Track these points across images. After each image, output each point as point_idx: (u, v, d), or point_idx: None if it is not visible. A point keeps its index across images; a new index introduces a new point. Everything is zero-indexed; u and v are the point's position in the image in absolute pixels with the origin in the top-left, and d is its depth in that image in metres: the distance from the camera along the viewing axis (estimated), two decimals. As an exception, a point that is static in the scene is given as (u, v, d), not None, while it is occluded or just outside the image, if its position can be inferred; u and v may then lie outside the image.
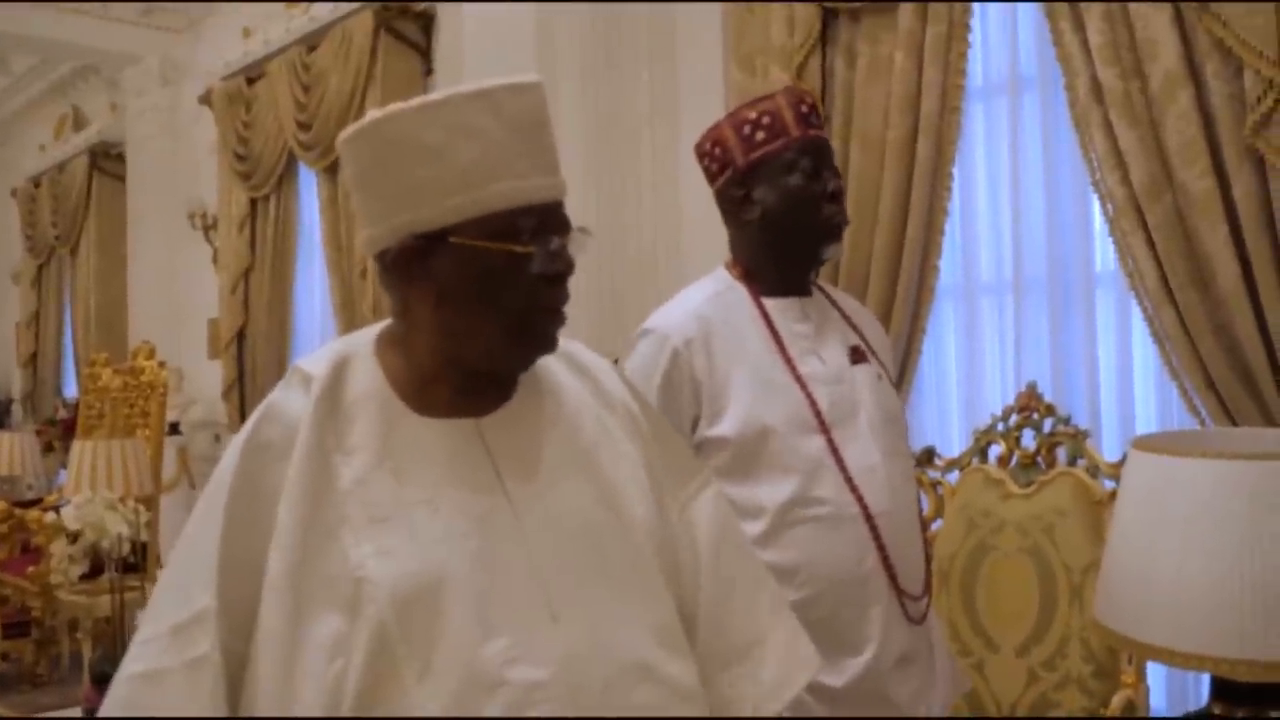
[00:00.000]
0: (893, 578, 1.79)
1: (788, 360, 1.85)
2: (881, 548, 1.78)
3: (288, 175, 6.80)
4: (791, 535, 1.79)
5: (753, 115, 1.97)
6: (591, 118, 4.62)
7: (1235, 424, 2.98)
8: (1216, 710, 1.76)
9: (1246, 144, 2.92)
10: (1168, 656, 1.71)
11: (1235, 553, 1.66)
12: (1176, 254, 3.07)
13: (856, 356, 1.92)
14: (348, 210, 6.13)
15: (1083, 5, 3.20)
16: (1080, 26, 3.23)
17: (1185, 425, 3.14)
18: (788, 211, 1.94)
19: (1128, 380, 3.37)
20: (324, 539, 1.15)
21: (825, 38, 3.88)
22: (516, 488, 1.22)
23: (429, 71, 5.97)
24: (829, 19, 3.86)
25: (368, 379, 1.24)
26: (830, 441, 1.79)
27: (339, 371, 1.23)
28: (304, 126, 6.35)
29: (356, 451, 1.19)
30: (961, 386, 3.71)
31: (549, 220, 1.21)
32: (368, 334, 1.32)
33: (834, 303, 2.02)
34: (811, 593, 1.74)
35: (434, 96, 1.21)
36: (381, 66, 5.80)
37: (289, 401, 1.22)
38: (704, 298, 1.98)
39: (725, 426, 1.82)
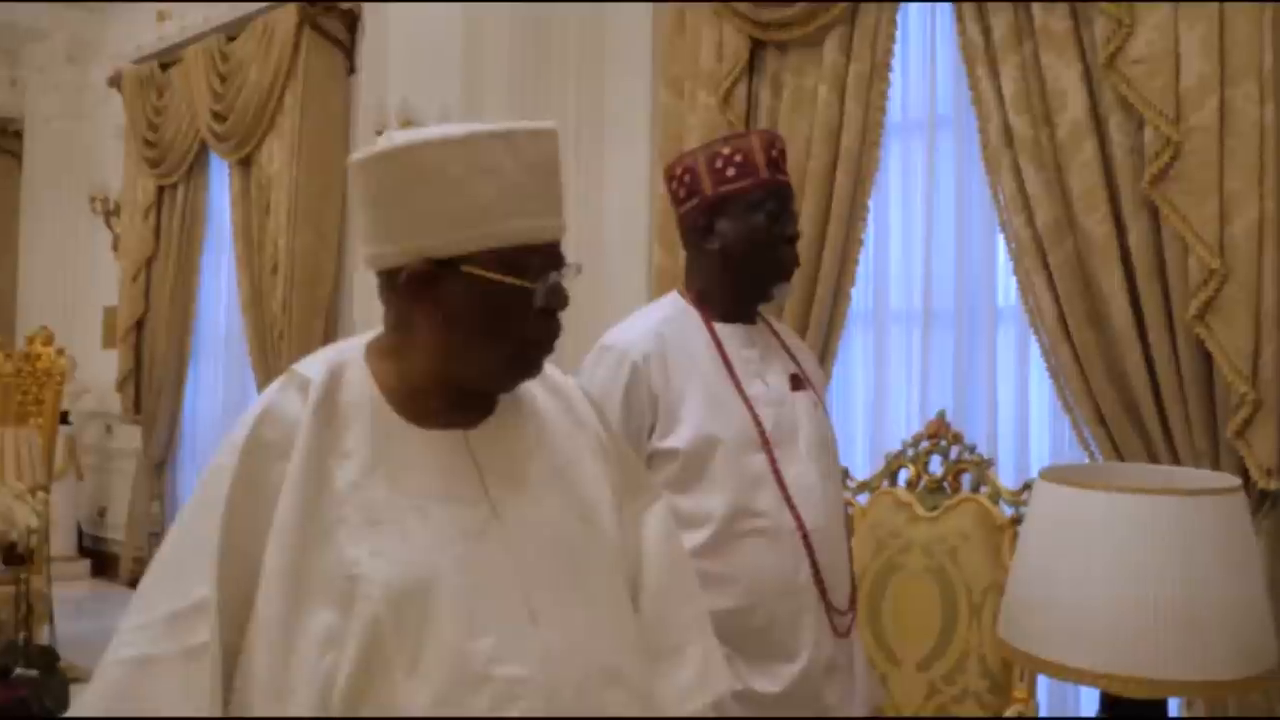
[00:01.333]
0: (823, 591, 1.91)
1: (736, 381, 1.96)
2: (814, 562, 1.89)
3: (198, 165, 6.69)
4: (733, 546, 1.90)
5: (726, 151, 2.07)
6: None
7: (1121, 457, 3.17)
8: (1106, 724, 1.91)
9: (1143, 194, 3.12)
10: (1065, 672, 1.86)
11: (1128, 578, 1.80)
12: (1075, 294, 3.26)
13: (796, 384, 2.05)
14: (261, 204, 6.07)
15: (998, 55, 3.38)
16: (995, 74, 3.41)
17: (1076, 457, 3.33)
18: (747, 248, 2.06)
19: (1025, 411, 3.56)
20: (321, 537, 1.21)
21: (753, 66, 4.00)
22: (501, 498, 1.29)
23: (352, 70, 5.95)
24: (757, 49, 3.99)
25: (361, 386, 1.30)
26: (772, 459, 1.91)
27: (335, 378, 1.29)
28: (219, 117, 6.27)
29: (352, 456, 1.25)
30: (869, 410, 3.86)
31: (551, 258, 1.30)
32: (357, 343, 1.38)
33: (776, 333, 2.14)
34: (750, 601, 1.84)
35: (458, 130, 1.27)
36: (304, 62, 5.77)
37: (287, 404, 1.27)
38: (661, 318, 2.08)
39: (677, 439, 1.92)
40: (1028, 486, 2.60)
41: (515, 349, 1.29)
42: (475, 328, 1.26)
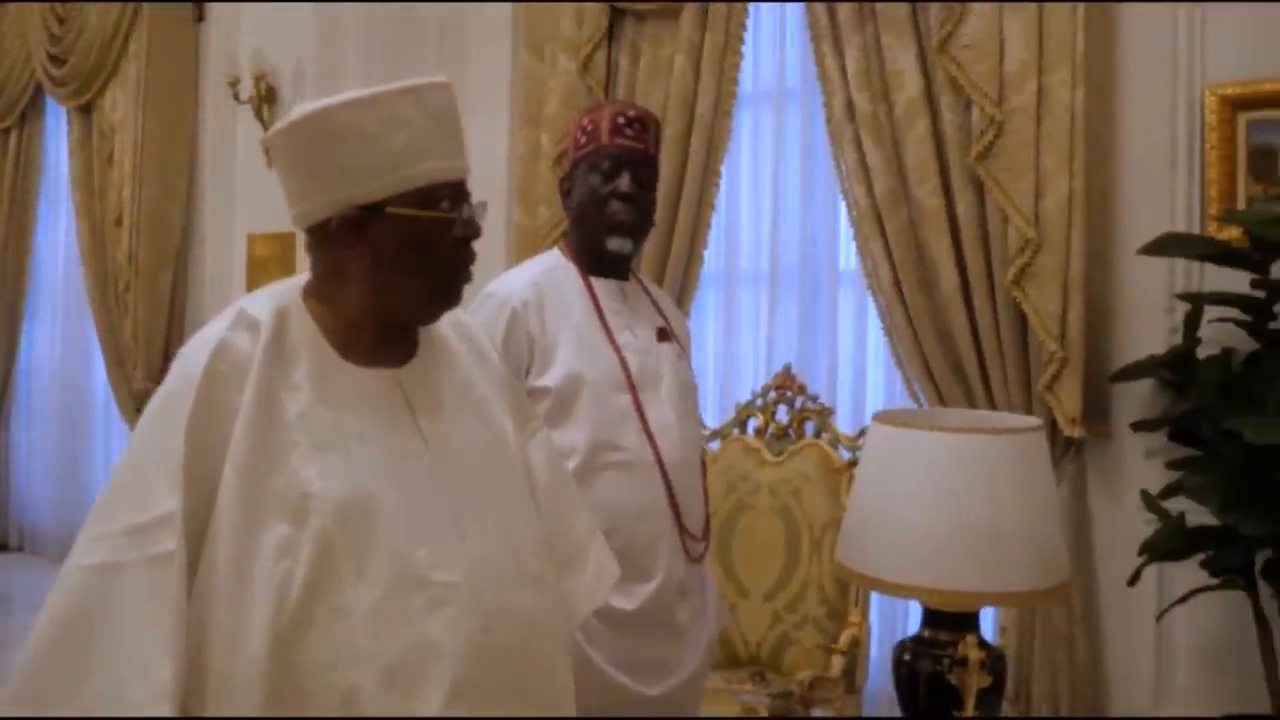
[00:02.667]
0: (678, 517, 2.11)
1: (606, 329, 2.14)
2: (671, 492, 2.09)
3: (33, 110, 6.44)
4: (596, 476, 2.09)
5: (585, 122, 2.28)
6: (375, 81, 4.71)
7: (945, 407, 3.48)
8: (926, 634, 2.16)
9: (970, 169, 3.41)
10: (893, 588, 2.10)
11: (945, 506, 2.05)
12: (908, 259, 3.54)
13: (662, 336, 2.25)
14: (103, 153, 5.90)
15: (842, 35, 3.62)
16: (839, 52, 3.65)
17: (907, 406, 3.63)
18: (581, 205, 2.30)
19: (862, 366, 3.85)
20: (274, 460, 1.34)
21: (612, 34, 4.14)
22: (427, 428, 1.45)
23: (200, 18, 5.83)
24: (616, 17, 4.13)
25: (303, 327, 1.43)
26: (636, 400, 2.10)
27: (281, 319, 1.42)
28: (57, 60, 6.05)
29: (300, 389, 1.39)
30: (719, 364, 4.09)
31: (460, 194, 1.45)
32: (292, 285, 1.51)
33: (646, 290, 2.33)
34: (610, 525, 2.01)
35: (366, 92, 1.42)
36: (149, 10, 5.62)
37: (239, 340, 1.39)
38: (540, 270, 2.25)
39: (550, 378, 2.10)
40: (863, 433, 2.85)
41: (438, 280, 1.44)
42: (403, 263, 1.41)
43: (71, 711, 1.27)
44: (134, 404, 5.74)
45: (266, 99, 5.31)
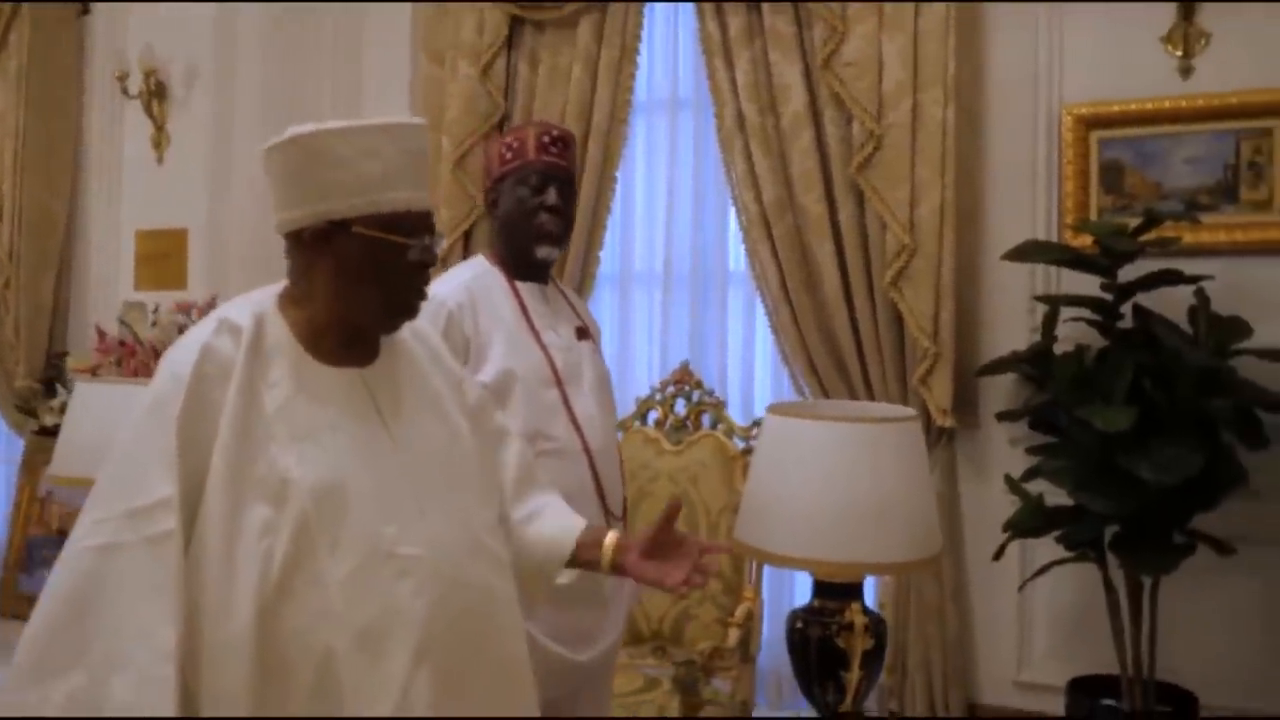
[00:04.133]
0: (603, 500, 2.28)
1: (533, 329, 2.30)
2: (596, 476, 2.27)
3: (-96, 101, 6.23)
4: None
5: (509, 139, 2.44)
6: (276, 92, 4.75)
7: (829, 399, 3.73)
8: (816, 604, 2.38)
9: (851, 179, 3.67)
10: (787, 561, 2.32)
11: (832, 487, 2.27)
12: (794, 263, 3.78)
13: (581, 334, 2.43)
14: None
15: (733, 49, 3.84)
16: (730, 66, 3.87)
17: (793, 399, 3.87)
18: (510, 215, 2.45)
19: (750, 361, 4.08)
20: (255, 449, 1.49)
21: (511, 42, 4.29)
22: (391, 421, 1.62)
23: (85, 11, 5.76)
24: (516, 25, 4.28)
25: (278, 331, 1.59)
26: (563, 393, 2.27)
27: (259, 324, 1.57)
28: (-67, 51, 5.88)
29: (277, 386, 1.54)
30: (615, 361, 4.26)
31: (421, 223, 1.61)
32: (268, 294, 1.65)
33: (563, 293, 2.51)
34: None
35: (352, 123, 1.58)
36: (29, 4, 5.53)
37: (222, 344, 1.54)
38: (471, 275, 2.40)
39: (485, 374, 2.25)
40: (756, 424, 3.08)
41: (394, 296, 1.60)
42: (363, 277, 1.56)
43: (76, 678, 1.40)
44: (15, 401, 5.64)
45: (156, 94, 5.29)
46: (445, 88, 4.35)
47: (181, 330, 3.48)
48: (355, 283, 1.56)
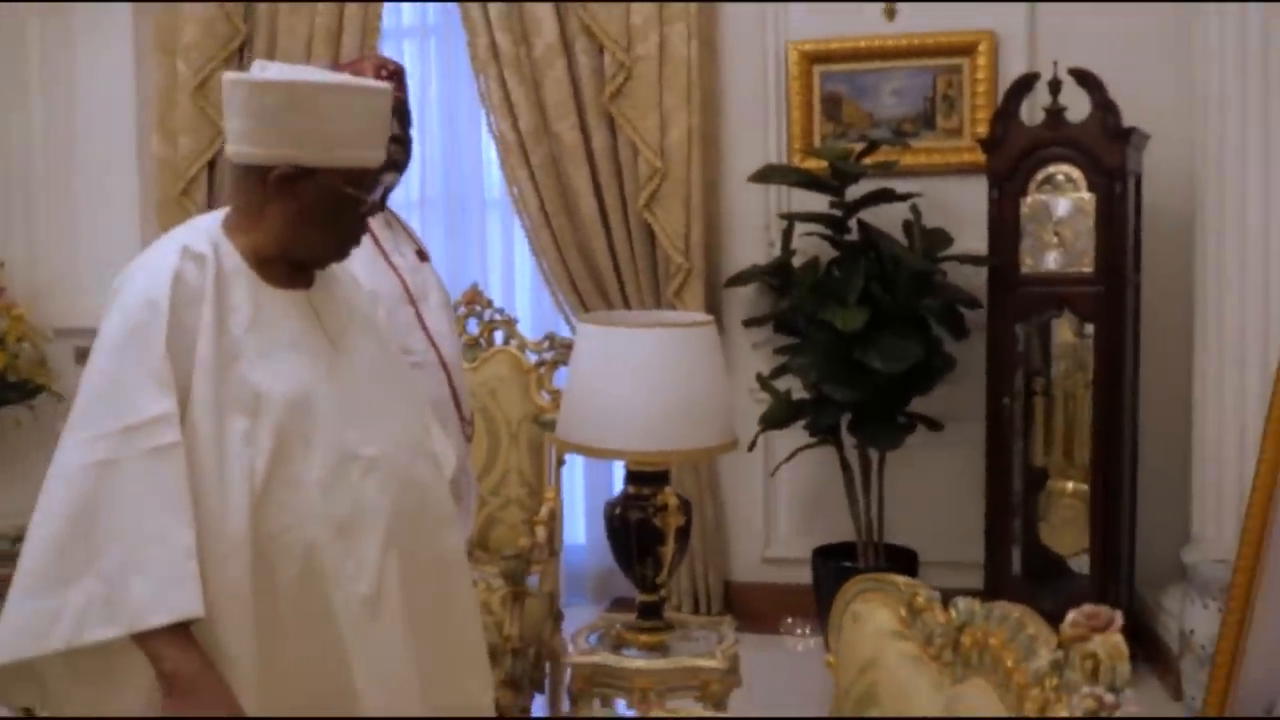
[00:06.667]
0: (458, 407, 2.44)
1: (384, 252, 2.38)
2: (452, 386, 2.41)
3: None
4: None
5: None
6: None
7: (589, 313, 4.01)
8: (630, 491, 2.67)
9: (604, 108, 3.92)
10: (605, 453, 2.60)
11: (644, 386, 2.55)
12: (552, 188, 4.00)
13: (422, 256, 2.53)
14: None
15: (486, -20, 3.97)
16: (483, -3, 3.99)
17: (552, 319, 4.12)
18: None
19: (510, 282, 4.29)
20: (228, 367, 1.59)
21: (250, -36, 4.18)
22: (335, 338, 1.74)
23: None
24: (254, -53, 4.18)
25: (231, 257, 1.66)
26: (417, 311, 2.38)
27: (216, 251, 1.64)
28: None
29: (239, 309, 1.63)
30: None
31: (372, 179, 1.72)
32: (213, 220, 1.71)
33: (398, 219, 2.59)
34: None
35: (329, 78, 1.67)
36: None
37: (189, 270, 1.61)
38: None
39: None
40: (548, 338, 3.31)
41: (340, 239, 1.72)
42: (319, 221, 1.67)
43: (90, 585, 1.47)
44: None
45: None
46: (180, 10, 4.19)
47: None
48: (310, 225, 1.67)
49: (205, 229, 1.69)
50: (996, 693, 1.26)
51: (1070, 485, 3.57)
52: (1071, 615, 1.03)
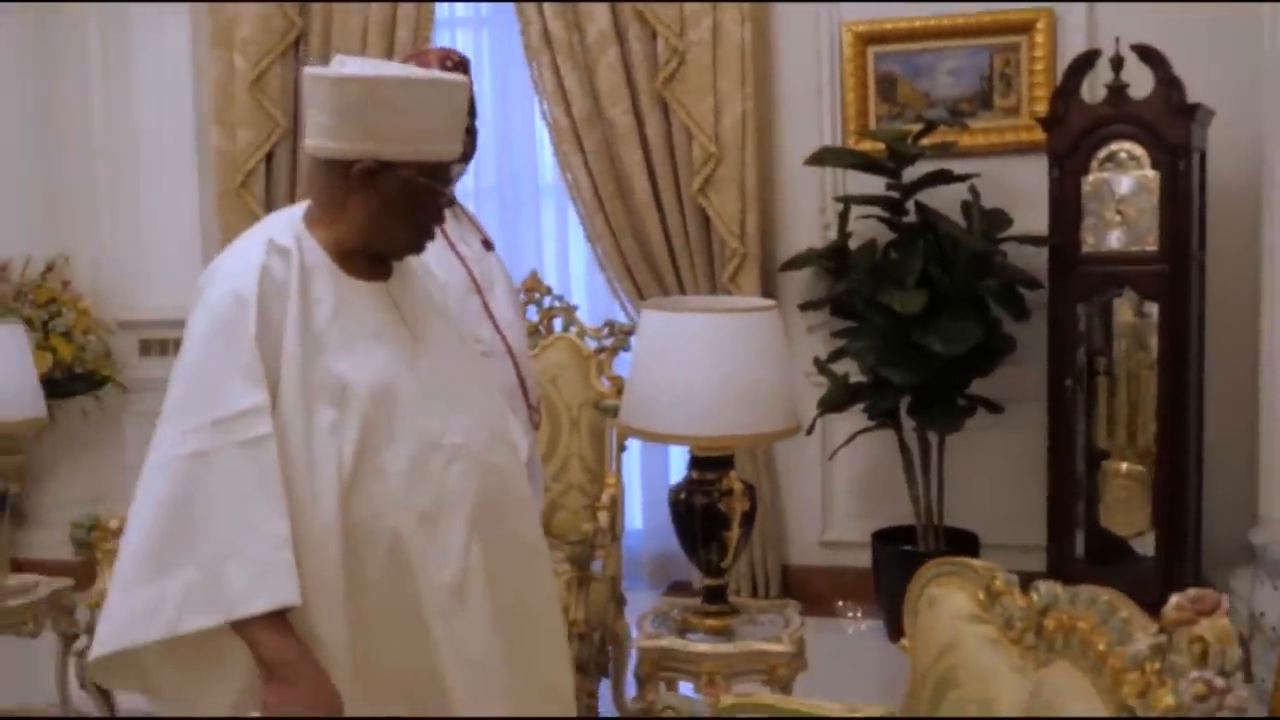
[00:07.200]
0: (526, 395, 2.46)
1: (450, 242, 2.41)
2: (519, 375, 2.44)
3: None
4: None
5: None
6: None
7: (644, 300, 4.01)
8: (694, 476, 2.68)
9: (657, 93, 3.92)
10: (668, 438, 2.61)
11: (707, 371, 2.55)
12: (605, 173, 4.01)
13: (487, 246, 2.55)
14: None
15: (537, -32, 3.98)
16: (535, -13, 4.00)
17: (608, 305, 4.13)
18: None
19: (565, 269, 4.30)
20: (313, 359, 1.62)
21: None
22: (415, 328, 1.76)
23: None
24: (308, -59, 4.21)
25: (314, 251, 1.69)
26: (484, 300, 2.41)
27: (299, 245, 1.67)
28: None
29: (322, 301, 1.66)
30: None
31: (447, 173, 1.78)
32: (294, 215, 1.74)
33: (464, 209, 2.61)
34: None
35: (411, 73, 1.71)
36: None
37: (275, 265, 1.64)
38: None
39: None
40: (607, 324, 3.33)
41: (417, 232, 1.75)
42: (399, 214, 1.70)
43: (188, 574, 1.52)
44: None
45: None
46: (236, 5, 4.24)
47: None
48: (391, 217, 1.70)
49: (287, 223, 1.72)
50: (1088, 676, 1.25)
51: (1125, 466, 3.52)
52: (1175, 599, 1.02)
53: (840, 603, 3.99)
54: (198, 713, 1.64)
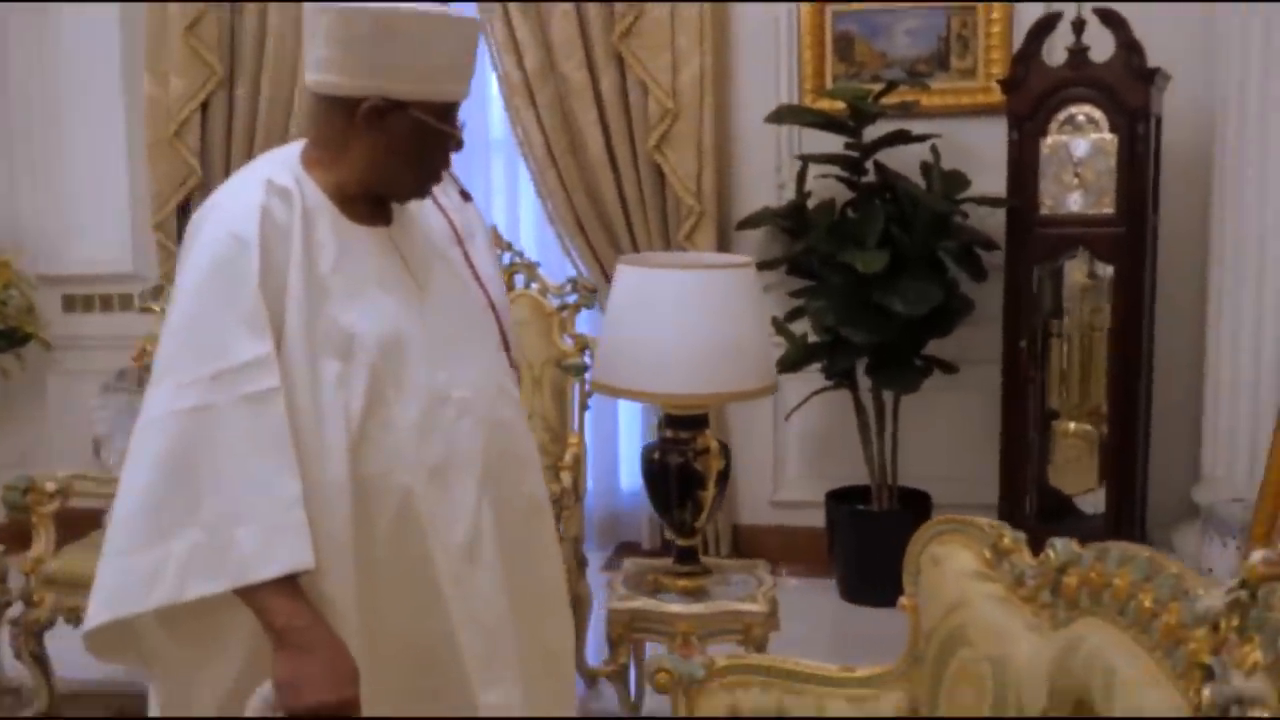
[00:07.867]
0: (507, 347, 2.39)
1: (433, 195, 2.30)
2: (500, 327, 2.36)
3: None
4: None
5: None
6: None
7: (599, 261, 3.95)
8: (669, 435, 2.64)
9: (613, 47, 3.83)
10: (645, 396, 2.57)
11: (683, 328, 2.52)
12: (558, 129, 3.92)
13: (465, 196, 2.46)
14: None
15: (488, -87, 3.85)
16: (485, -67, 3.88)
17: (560, 262, 4.05)
18: None
19: (515, 226, 4.21)
20: (319, 308, 1.52)
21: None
22: (419, 276, 1.68)
23: None
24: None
25: (313, 192, 1.58)
26: (464, 251, 2.32)
27: (299, 186, 1.56)
28: None
29: (324, 246, 1.55)
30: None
31: (457, 113, 1.65)
32: (291, 155, 1.62)
33: None
34: None
35: (423, 7, 1.55)
36: None
37: (275, 206, 1.53)
38: None
39: None
40: (570, 281, 3.26)
41: (424, 175, 1.65)
42: (408, 156, 1.60)
43: (193, 535, 1.41)
44: None
45: None
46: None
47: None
48: (397, 159, 1.60)
49: (284, 163, 1.61)
50: (1129, 633, 1.24)
51: (1073, 425, 3.58)
52: (1262, 554, 1.01)
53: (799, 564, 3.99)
54: (196, 687, 1.54)
